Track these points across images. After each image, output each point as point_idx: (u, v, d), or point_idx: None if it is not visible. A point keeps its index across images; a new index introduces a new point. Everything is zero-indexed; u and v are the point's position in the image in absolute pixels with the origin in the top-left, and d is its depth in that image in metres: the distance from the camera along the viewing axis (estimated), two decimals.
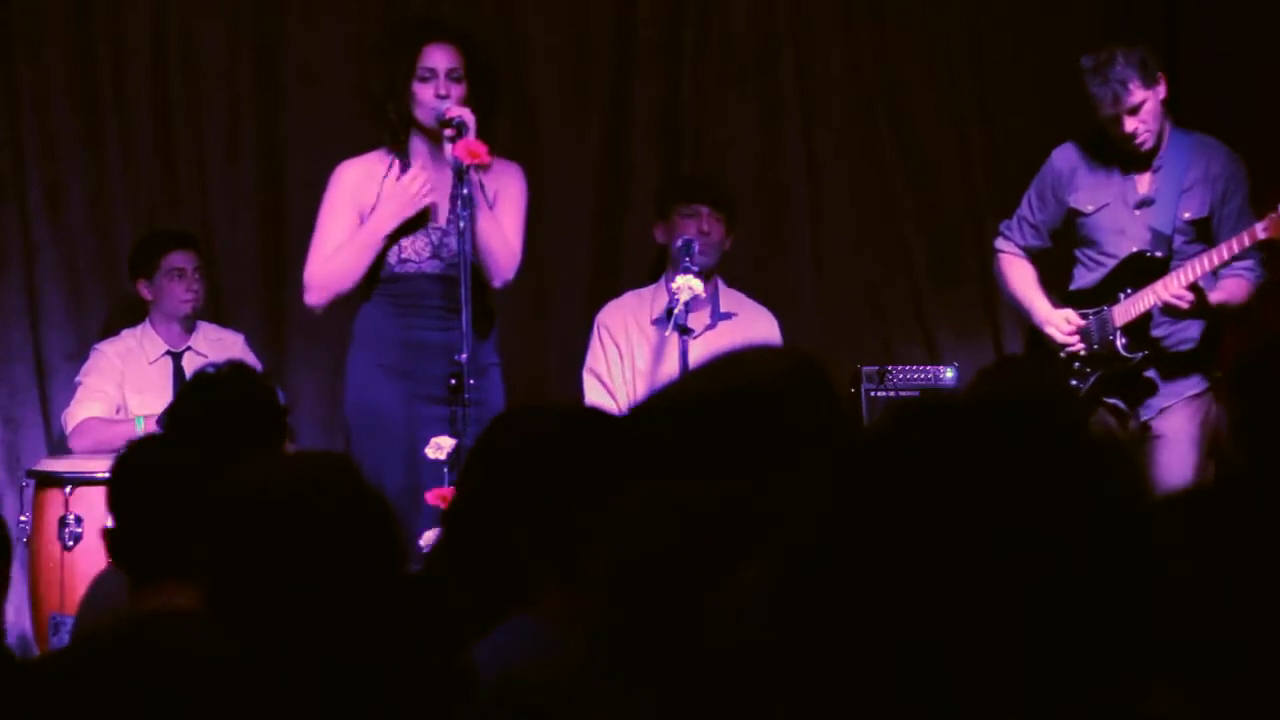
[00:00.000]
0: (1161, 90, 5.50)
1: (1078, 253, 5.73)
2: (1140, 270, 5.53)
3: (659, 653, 1.96)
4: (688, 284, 5.60)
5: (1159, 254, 5.52)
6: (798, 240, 7.05)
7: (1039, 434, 1.51)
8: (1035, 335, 5.78)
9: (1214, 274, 5.45)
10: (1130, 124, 5.48)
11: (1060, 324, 5.65)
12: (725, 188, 6.31)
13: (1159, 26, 6.95)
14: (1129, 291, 5.55)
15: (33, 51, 6.71)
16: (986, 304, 7.08)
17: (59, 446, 6.37)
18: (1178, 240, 5.52)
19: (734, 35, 7.05)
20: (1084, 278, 5.71)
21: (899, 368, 6.53)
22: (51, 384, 6.65)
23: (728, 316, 6.09)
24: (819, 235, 7.08)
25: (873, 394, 6.39)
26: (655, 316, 6.04)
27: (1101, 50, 5.52)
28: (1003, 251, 5.88)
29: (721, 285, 6.15)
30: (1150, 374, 5.59)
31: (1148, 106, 5.47)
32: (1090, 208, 5.64)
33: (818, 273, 7.06)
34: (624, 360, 6.06)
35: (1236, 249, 5.35)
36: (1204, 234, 5.53)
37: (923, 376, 6.52)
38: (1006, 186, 7.05)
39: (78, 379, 6.23)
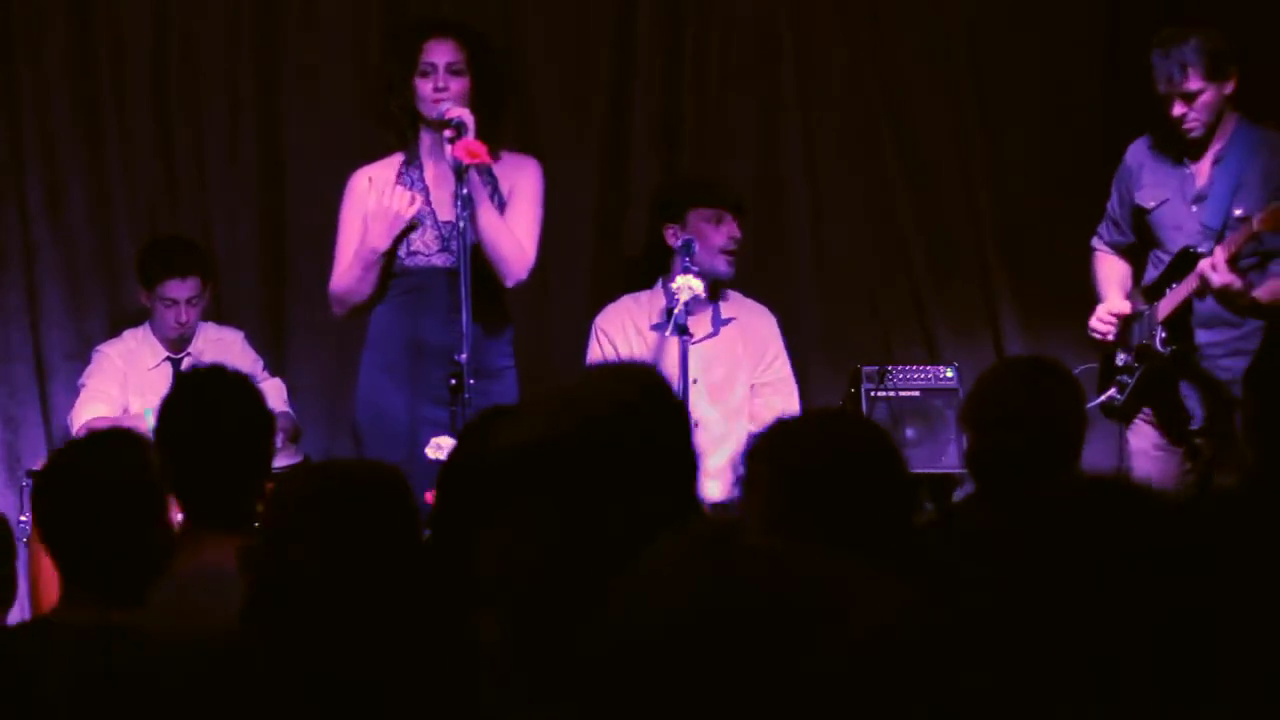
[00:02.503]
0: (1227, 86, 5.44)
1: (1150, 251, 5.66)
2: (1187, 266, 5.46)
3: (548, 674, 1.98)
4: (688, 284, 5.59)
5: (1204, 250, 5.43)
6: (798, 240, 7.05)
7: None
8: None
9: (1234, 268, 5.32)
10: (1179, 108, 5.41)
11: (1099, 313, 5.62)
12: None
13: (1159, 27, 6.95)
14: (1174, 286, 5.50)
15: (33, 51, 6.71)
16: (986, 304, 7.08)
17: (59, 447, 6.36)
18: (1228, 236, 5.42)
19: (734, 35, 7.05)
20: (1150, 274, 5.66)
21: (899, 368, 6.53)
22: (51, 384, 6.65)
23: (728, 322, 6.05)
24: (819, 235, 7.07)
25: (873, 394, 6.38)
26: (654, 320, 6.02)
27: (1179, 28, 5.45)
28: (1095, 249, 5.84)
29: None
30: (1188, 394, 5.51)
31: (1204, 98, 5.41)
32: (1152, 204, 5.59)
33: (818, 273, 7.05)
34: None
35: (1240, 240, 5.28)
36: (1254, 237, 5.40)
37: (923, 376, 6.51)
38: (1006, 186, 7.07)
39: (81, 381, 6.23)
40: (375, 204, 5.32)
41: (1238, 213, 5.46)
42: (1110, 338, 5.59)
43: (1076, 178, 6.90)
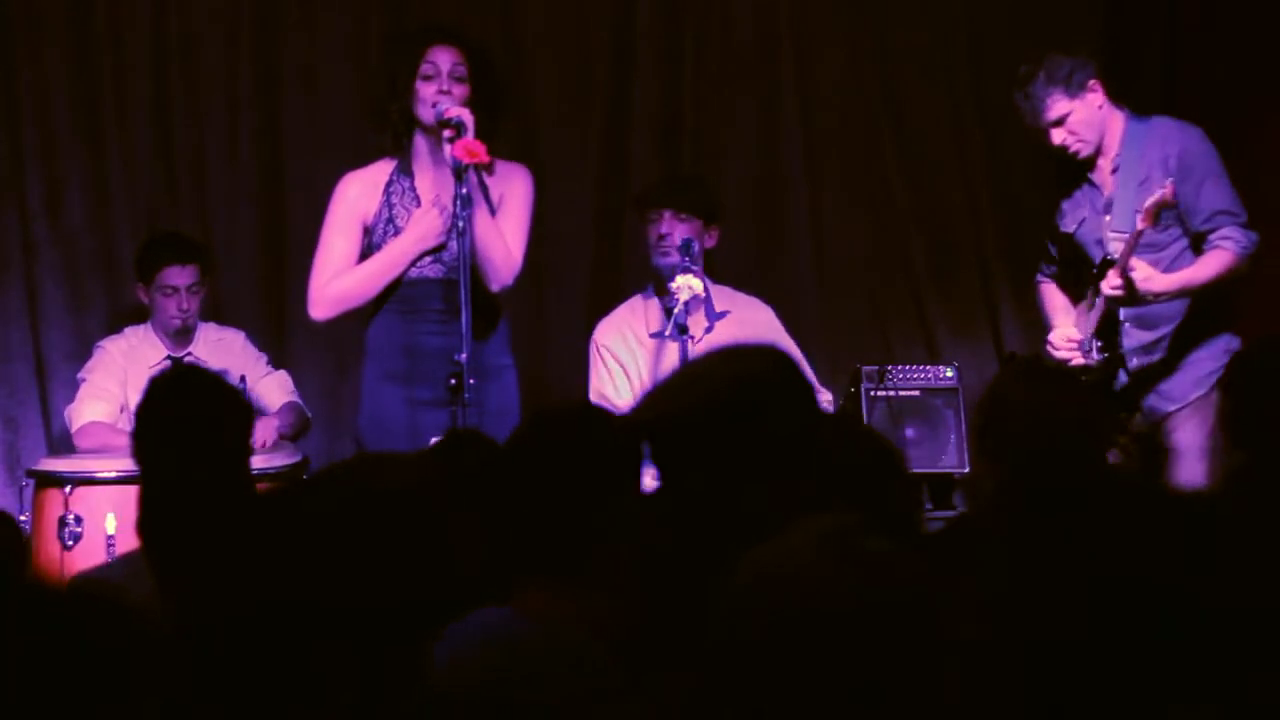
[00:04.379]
0: (1092, 97, 5.49)
1: (1088, 270, 5.70)
2: (1103, 276, 5.50)
3: (675, 651, 1.99)
4: (687, 284, 5.58)
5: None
6: (798, 240, 7.05)
7: None
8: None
9: (1195, 251, 5.41)
10: (1058, 136, 5.50)
11: (1055, 340, 5.64)
12: (692, 187, 6.13)
13: (1159, 26, 6.96)
14: (1099, 299, 5.52)
15: (33, 51, 6.71)
16: (987, 304, 7.08)
17: (59, 446, 6.37)
18: (1147, 235, 5.43)
19: (734, 35, 7.05)
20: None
21: (899, 368, 6.53)
22: (51, 384, 6.66)
23: (723, 315, 6.00)
24: (819, 235, 7.07)
25: (873, 394, 6.39)
26: (652, 328, 5.98)
27: (1030, 63, 5.53)
28: (1038, 281, 5.88)
29: (710, 284, 6.01)
30: (1128, 380, 5.55)
31: (1075, 117, 5.48)
32: (1074, 226, 5.64)
33: (818, 273, 7.05)
34: (629, 374, 6.01)
35: (1128, 250, 5.34)
36: (1176, 219, 5.46)
37: (923, 376, 6.51)
38: (1006, 186, 7.07)
39: (81, 375, 6.22)
40: (421, 216, 5.31)
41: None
42: (1075, 360, 5.59)
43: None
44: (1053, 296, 5.82)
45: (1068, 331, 5.63)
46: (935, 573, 1.57)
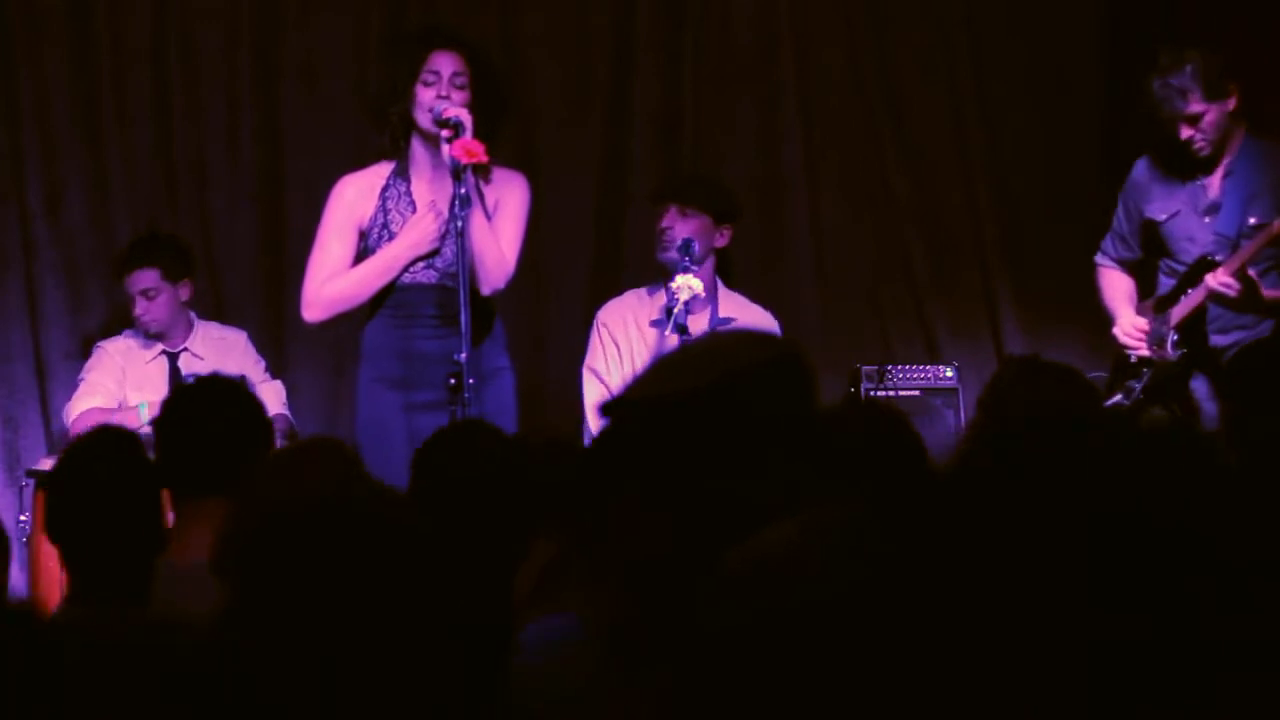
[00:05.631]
0: (1230, 103, 5.53)
1: (1161, 262, 5.76)
2: (1204, 273, 5.54)
3: (668, 646, 1.98)
4: (687, 283, 5.58)
5: (1221, 258, 5.53)
6: (797, 240, 7.05)
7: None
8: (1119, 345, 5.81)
9: (1242, 275, 5.45)
10: (1186, 132, 5.53)
11: (1126, 328, 5.70)
12: (700, 184, 6.14)
13: (1157, 27, 6.95)
14: (1189, 293, 5.59)
15: (33, 51, 6.71)
16: (987, 304, 7.08)
17: (59, 446, 6.37)
18: (1244, 245, 5.50)
19: (734, 35, 7.05)
20: (1164, 285, 5.75)
21: (899, 367, 6.53)
22: (51, 384, 6.66)
23: (725, 322, 5.99)
24: (819, 235, 7.07)
25: (872, 393, 6.39)
26: (654, 317, 6.00)
27: (1175, 52, 5.55)
28: (1099, 265, 5.92)
29: (721, 287, 6.05)
30: (1198, 384, 5.58)
31: (1209, 119, 5.51)
32: (1163, 216, 5.68)
33: (818, 272, 7.05)
34: (622, 358, 6.04)
35: (1256, 246, 5.39)
36: (1274, 240, 5.51)
37: (923, 376, 6.51)
38: (1006, 186, 7.07)
39: (80, 375, 6.24)
40: (416, 222, 5.32)
41: (1252, 220, 5.55)
42: (1141, 351, 5.64)
43: (1076, 177, 6.91)
44: (1115, 282, 5.86)
45: (1138, 320, 5.69)
46: (934, 563, 1.56)
